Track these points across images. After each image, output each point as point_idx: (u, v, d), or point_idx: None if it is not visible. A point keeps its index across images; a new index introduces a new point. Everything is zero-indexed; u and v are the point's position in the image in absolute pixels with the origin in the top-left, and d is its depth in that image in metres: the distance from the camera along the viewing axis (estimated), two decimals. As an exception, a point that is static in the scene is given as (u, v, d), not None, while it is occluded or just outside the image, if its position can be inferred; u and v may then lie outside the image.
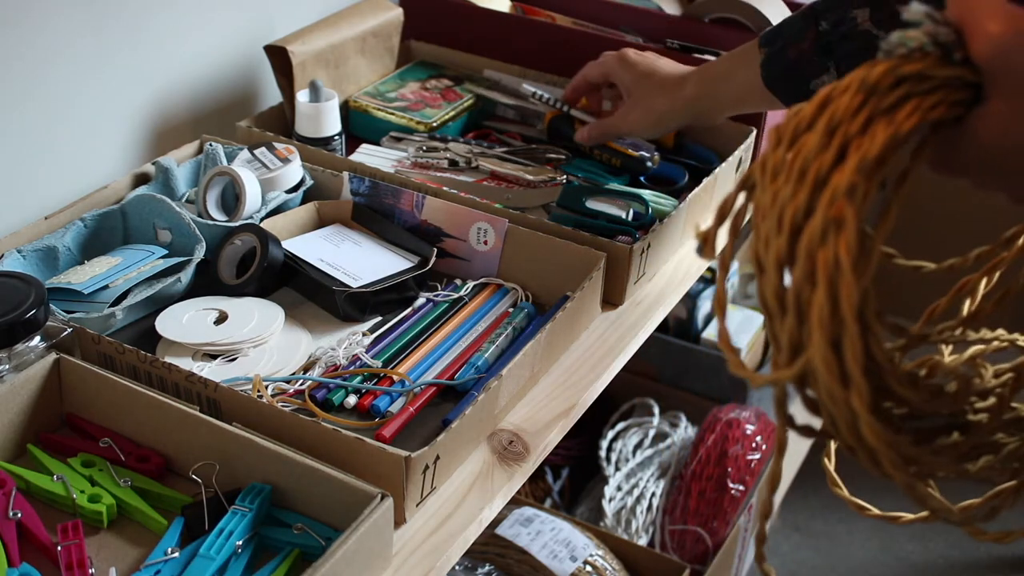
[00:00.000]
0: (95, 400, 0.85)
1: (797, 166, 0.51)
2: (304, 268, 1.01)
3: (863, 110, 0.51)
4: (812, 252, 0.49)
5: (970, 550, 2.02)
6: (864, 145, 0.50)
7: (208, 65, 1.23)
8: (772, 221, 0.51)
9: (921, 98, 0.51)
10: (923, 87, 0.51)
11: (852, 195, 0.49)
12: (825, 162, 0.50)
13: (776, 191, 0.51)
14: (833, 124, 0.51)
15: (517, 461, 0.87)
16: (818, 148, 0.50)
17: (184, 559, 0.75)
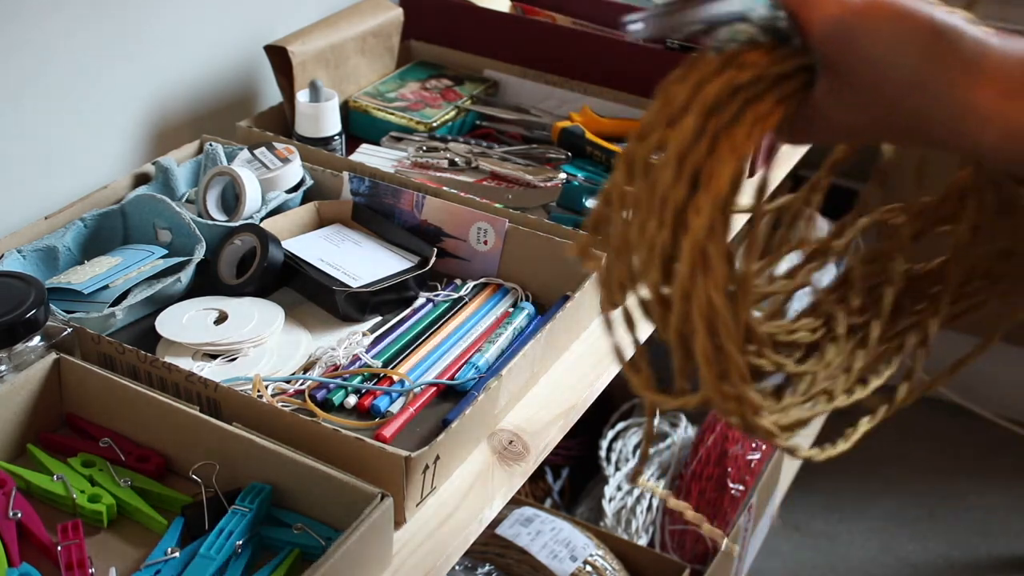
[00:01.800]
0: (95, 400, 0.85)
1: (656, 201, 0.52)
2: (304, 268, 1.01)
3: (705, 134, 0.52)
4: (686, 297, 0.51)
5: (970, 550, 2.02)
6: (713, 181, 0.51)
7: (208, 65, 1.23)
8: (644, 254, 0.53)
9: (756, 106, 0.52)
10: (756, 89, 0.52)
11: (712, 235, 0.50)
12: (679, 196, 0.51)
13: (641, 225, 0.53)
14: (681, 152, 0.52)
15: (517, 461, 0.87)
16: (671, 181, 0.52)
17: (184, 559, 0.75)
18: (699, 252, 0.51)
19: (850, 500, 2.10)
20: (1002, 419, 2.25)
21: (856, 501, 2.11)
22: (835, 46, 0.51)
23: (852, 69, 0.52)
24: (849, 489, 2.12)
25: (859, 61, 0.51)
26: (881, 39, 0.50)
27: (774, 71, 0.53)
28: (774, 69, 0.53)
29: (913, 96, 0.50)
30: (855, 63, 0.51)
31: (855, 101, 0.52)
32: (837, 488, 2.11)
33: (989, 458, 2.20)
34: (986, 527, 2.07)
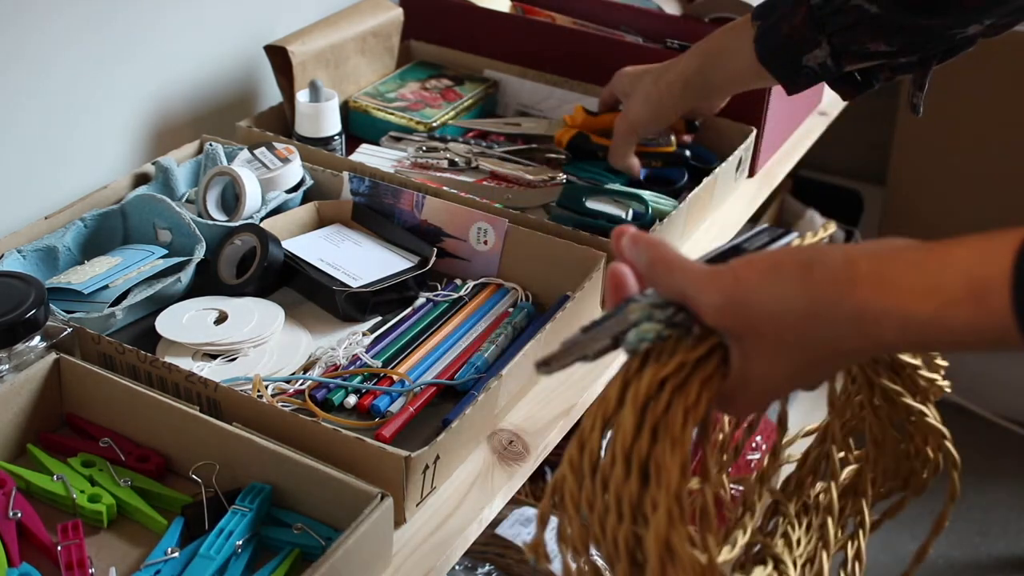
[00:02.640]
0: (95, 400, 0.85)
1: (612, 498, 0.56)
2: (304, 268, 1.01)
3: (644, 428, 0.56)
4: None
5: (971, 550, 2.02)
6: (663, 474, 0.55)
7: (208, 65, 1.23)
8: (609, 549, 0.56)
9: (684, 393, 0.57)
10: (681, 376, 0.57)
11: (672, 524, 0.54)
12: (633, 491, 0.55)
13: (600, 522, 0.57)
14: (626, 448, 0.56)
15: (517, 461, 0.87)
16: (623, 477, 0.56)
17: (184, 559, 0.75)
18: (663, 545, 0.54)
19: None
20: (1002, 419, 2.25)
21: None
22: (729, 320, 0.57)
23: (755, 329, 0.56)
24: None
25: (758, 319, 0.56)
26: (764, 294, 0.55)
27: (692, 356, 0.58)
28: (692, 355, 0.58)
29: (813, 326, 0.55)
30: (754, 323, 0.56)
31: (770, 355, 0.57)
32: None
33: (989, 458, 2.20)
34: (986, 527, 2.07)
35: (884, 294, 0.52)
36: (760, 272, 0.56)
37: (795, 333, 0.55)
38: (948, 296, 0.51)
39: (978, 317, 0.51)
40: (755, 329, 0.56)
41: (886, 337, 0.53)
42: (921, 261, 0.52)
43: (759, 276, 0.56)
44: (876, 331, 0.53)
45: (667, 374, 0.57)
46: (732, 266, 0.57)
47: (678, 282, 0.58)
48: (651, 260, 0.60)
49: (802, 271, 0.55)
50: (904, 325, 0.52)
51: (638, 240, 0.61)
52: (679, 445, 0.55)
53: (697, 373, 0.58)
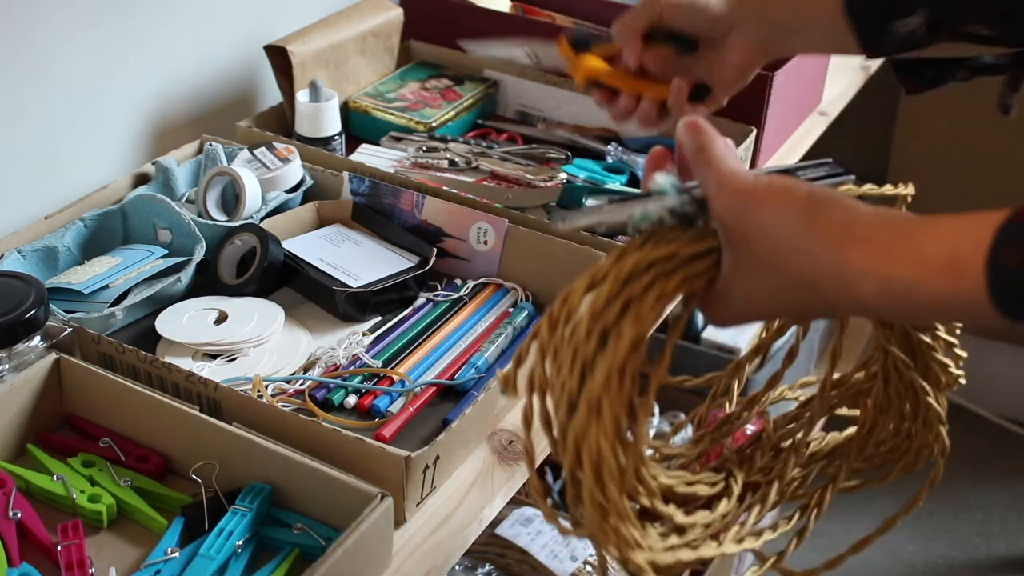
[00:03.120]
0: (95, 400, 0.85)
1: (570, 351, 0.59)
2: (304, 268, 1.01)
3: (618, 299, 0.59)
4: (579, 440, 0.59)
5: (970, 550, 2.02)
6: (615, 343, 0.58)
7: (208, 65, 1.23)
8: (556, 395, 0.60)
9: (665, 281, 0.60)
10: (669, 265, 0.60)
11: (608, 389, 0.58)
12: (588, 351, 0.59)
13: (557, 369, 0.60)
14: (595, 312, 0.59)
15: (517, 461, 0.87)
16: (584, 337, 0.59)
17: (184, 559, 0.75)
18: (595, 403, 0.58)
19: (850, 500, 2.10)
20: (1002, 419, 2.25)
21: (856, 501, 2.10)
22: (731, 223, 0.60)
23: (749, 241, 0.59)
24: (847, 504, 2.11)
25: (754, 233, 0.59)
26: (768, 213, 0.58)
27: (687, 251, 0.61)
28: (686, 248, 0.61)
29: (801, 260, 0.58)
30: (751, 235, 0.59)
31: (754, 271, 0.60)
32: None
33: (989, 458, 2.20)
34: (986, 527, 2.07)
35: (870, 254, 0.55)
36: (775, 193, 0.59)
37: (783, 261, 0.58)
38: (928, 265, 0.54)
39: (954, 289, 0.53)
40: (749, 242, 0.59)
41: (865, 295, 0.56)
42: (911, 232, 0.55)
43: (772, 196, 0.58)
44: (856, 287, 0.56)
45: (657, 257, 0.60)
46: (757, 179, 0.60)
47: (707, 173, 0.61)
48: (697, 147, 0.62)
49: (809, 209, 0.57)
50: (883, 286, 0.55)
51: (693, 126, 0.63)
52: (641, 323, 0.58)
53: (685, 267, 0.61)
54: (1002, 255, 0.52)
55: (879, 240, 0.56)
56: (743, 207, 0.59)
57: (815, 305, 0.60)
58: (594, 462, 0.58)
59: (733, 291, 0.61)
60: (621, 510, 0.60)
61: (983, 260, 0.52)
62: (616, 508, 0.59)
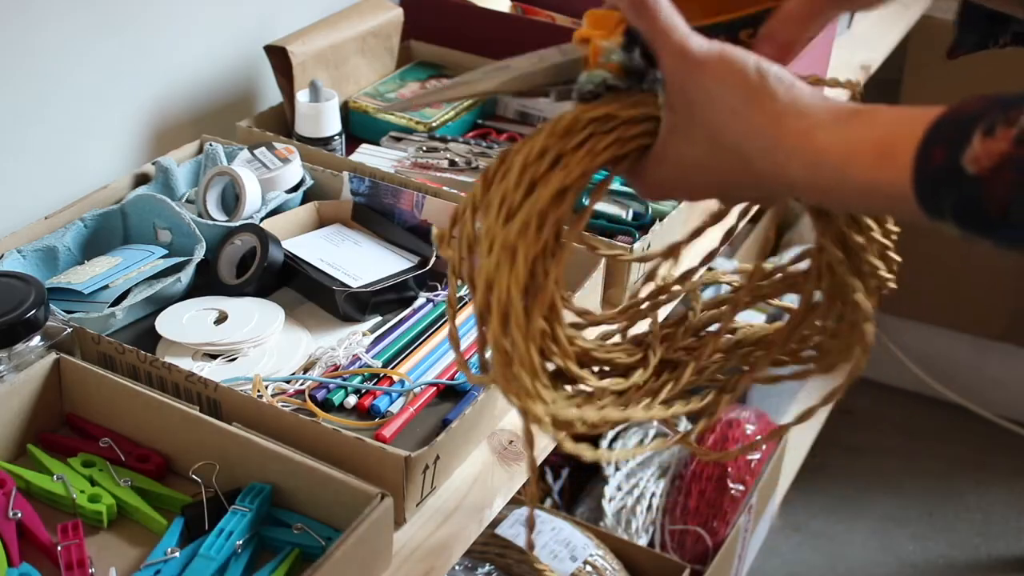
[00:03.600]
0: (95, 400, 0.85)
1: (497, 199, 0.60)
2: (304, 268, 1.01)
3: (550, 152, 0.60)
4: (489, 283, 0.59)
5: (971, 550, 2.02)
6: (537, 191, 0.59)
7: (208, 65, 1.23)
8: (484, 243, 0.61)
9: (598, 138, 0.60)
10: (605, 125, 0.61)
11: (524, 236, 0.59)
12: (515, 199, 0.60)
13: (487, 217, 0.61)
14: (525, 163, 0.60)
15: (517, 461, 0.87)
16: (512, 186, 0.60)
17: (184, 559, 0.75)
18: (509, 248, 0.59)
19: (850, 500, 2.10)
20: (1002, 419, 2.25)
21: (856, 501, 2.11)
22: (679, 77, 0.59)
23: (691, 105, 0.59)
24: (849, 489, 2.12)
25: (696, 91, 0.59)
26: (713, 74, 0.58)
27: (625, 113, 0.61)
28: (626, 111, 0.61)
29: (736, 126, 0.58)
30: (694, 99, 0.59)
31: (691, 136, 0.60)
32: (837, 488, 2.11)
33: (989, 458, 2.20)
34: (986, 527, 2.07)
35: (803, 133, 0.55)
36: (725, 61, 0.58)
37: (720, 126, 0.58)
38: (858, 149, 0.54)
39: (880, 177, 0.53)
40: (691, 106, 0.59)
41: (793, 173, 0.56)
42: (848, 116, 0.55)
43: (723, 64, 0.58)
44: (785, 163, 0.56)
45: (594, 116, 0.61)
46: (711, 47, 0.59)
47: (658, 33, 0.60)
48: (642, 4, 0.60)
49: (756, 78, 0.57)
50: (812, 165, 0.55)
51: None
52: (568, 176, 0.59)
53: (620, 128, 0.61)
54: (930, 150, 0.51)
55: (814, 119, 0.56)
56: (693, 71, 0.58)
57: (743, 178, 0.60)
58: (502, 305, 0.59)
59: (666, 156, 0.61)
60: (524, 359, 0.60)
61: (912, 152, 0.52)
62: (520, 356, 0.60)
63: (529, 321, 0.60)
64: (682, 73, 0.59)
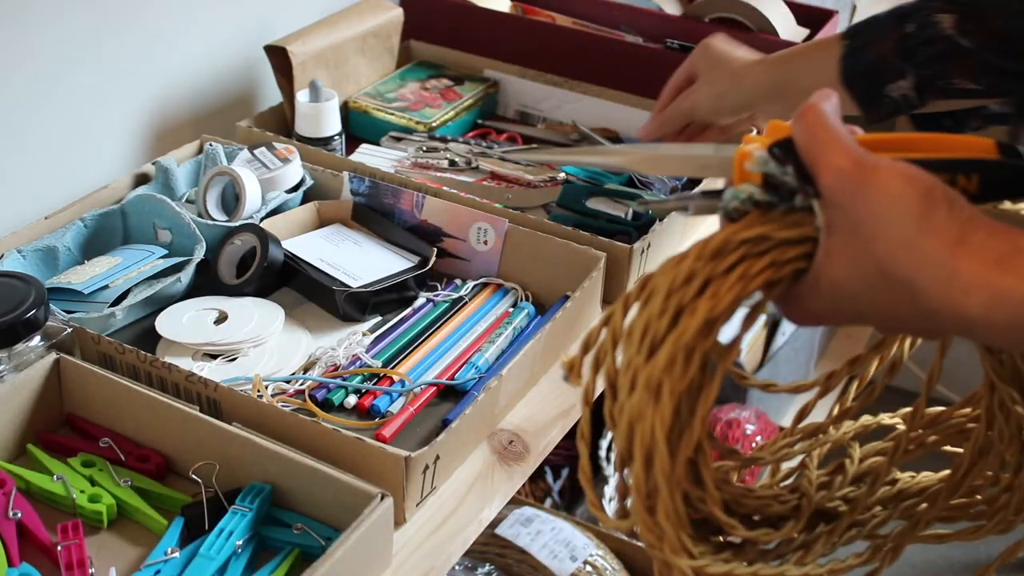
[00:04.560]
0: (95, 400, 0.85)
1: (641, 327, 0.55)
2: (304, 268, 1.01)
3: (698, 276, 0.54)
4: (632, 424, 0.54)
5: (971, 550, 2.02)
6: (684, 321, 0.54)
7: (208, 65, 1.23)
8: (624, 376, 0.56)
9: (751, 262, 0.55)
10: (759, 247, 0.55)
11: (670, 371, 0.53)
12: (660, 328, 0.54)
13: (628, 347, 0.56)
14: (672, 288, 0.55)
15: (517, 461, 0.87)
16: (657, 313, 0.55)
17: (184, 559, 0.75)
18: (654, 384, 0.53)
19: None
20: (1002, 419, 2.24)
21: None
22: (841, 196, 0.54)
23: (853, 222, 0.54)
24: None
25: (861, 213, 0.53)
26: (884, 195, 0.52)
27: (781, 234, 0.55)
28: (781, 232, 0.55)
29: (905, 255, 0.52)
30: (857, 215, 0.53)
31: (852, 259, 0.54)
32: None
33: (989, 458, 2.20)
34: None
35: (984, 265, 0.51)
36: (898, 174, 0.53)
37: (887, 253, 0.53)
38: None
39: None
40: (853, 222, 0.54)
41: (971, 308, 0.51)
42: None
43: (895, 177, 0.53)
44: (962, 298, 0.51)
45: (746, 237, 0.55)
46: (884, 158, 0.54)
47: (819, 143, 0.55)
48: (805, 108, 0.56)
49: (930, 202, 0.52)
50: (994, 300, 0.51)
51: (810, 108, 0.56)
52: (717, 301, 0.54)
53: (775, 251, 0.55)
54: None
55: (995, 252, 0.51)
56: (859, 183, 0.53)
57: (909, 312, 0.54)
58: (646, 448, 0.54)
59: (823, 281, 0.56)
60: (668, 507, 0.55)
61: None
62: (664, 505, 0.55)
63: (675, 464, 0.55)
64: (846, 188, 0.53)
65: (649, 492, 0.55)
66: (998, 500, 0.69)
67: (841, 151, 0.54)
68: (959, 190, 0.54)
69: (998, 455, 0.67)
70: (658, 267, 0.57)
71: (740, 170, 0.57)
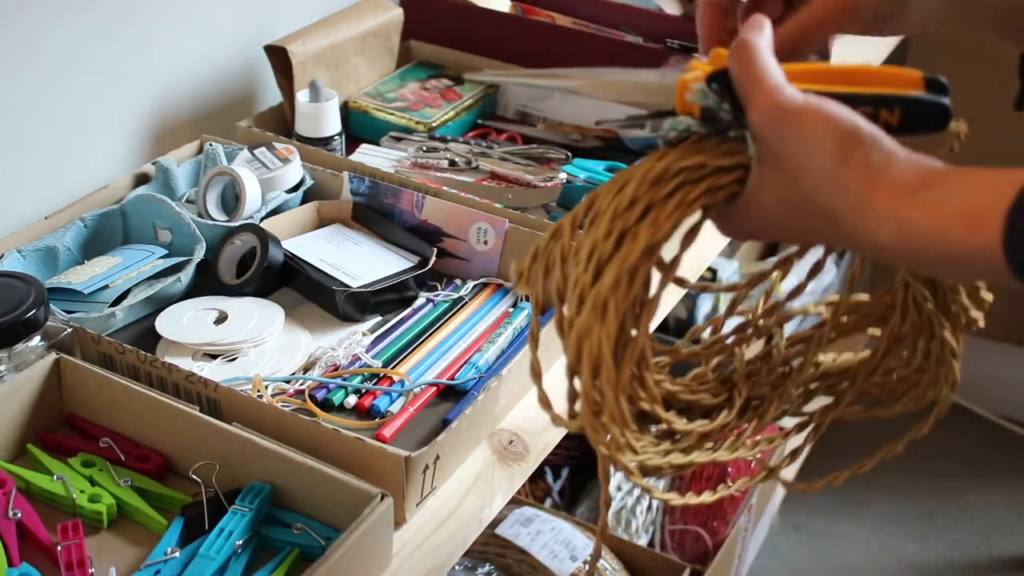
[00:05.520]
0: (95, 400, 0.85)
1: (587, 248, 0.59)
2: (304, 268, 1.01)
3: (640, 201, 0.59)
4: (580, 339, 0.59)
5: (971, 551, 2.02)
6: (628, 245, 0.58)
7: (208, 65, 1.23)
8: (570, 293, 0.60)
9: (688, 188, 0.59)
10: (696, 175, 0.59)
11: (616, 290, 0.58)
12: (605, 250, 0.58)
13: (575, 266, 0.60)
14: (616, 213, 0.59)
15: (517, 461, 0.87)
16: (602, 236, 0.59)
17: (184, 559, 0.75)
18: (600, 303, 0.58)
19: (850, 500, 2.10)
20: (1002, 419, 2.25)
21: (856, 501, 2.11)
22: (767, 133, 0.57)
23: (780, 157, 0.57)
24: (849, 489, 2.11)
25: (787, 150, 0.57)
26: (808, 133, 0.56)
27: (716, 162, 0.59)
28: (716, 161, 0.59)
29: (826, 189, 0.56)
30: (784, 151, 0.57)
31: (780, 189, 0.58)
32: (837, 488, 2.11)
33: (989, 458, 2.20)
34: (986, 527, 2.07)
35: (894, 200, 0.54)
36: (820, 117, 0.56)
37: (810, 187, 0.57)
38: (947, 215, 0.53)
39: (969, 243, 0.52)
40: (780, 161, 0.57)
41: (882, 239, 0.55)
42: (938, 181, 0.54)
43: (817, 120, 0.56)
44: (874, 230, 0.55)
45: (684, 166, 0.59)
46: (807, 99, 0.57)
47: (750, 80, 0.58)
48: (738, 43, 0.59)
49: (850, 141, 0.55)
50: (900, 232, 0.54)
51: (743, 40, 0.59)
52: (657, 227, 0.58)
53: (711, 178, 0.59)
54: (1022, 215, 0.51)
55: (906, 186, 0.54)
56: (784, 123, 0.56)
57: (830, 236, 0.59)
58: (593, 362, 0.59)
59: (752, 206, 0.60)
60: (614, 412, 0.60)
61: (1002, 217, 0.51)
62: (610, 408, 0.59)
63: (620, 374, 0.59)
64: (774, 124, 0.57)
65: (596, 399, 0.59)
66: (911, 379, 0.75)
67: (767, 89, 0.57)
68: (881, 123, 0.58)
69: (912, 341, 0.73)
70: (601, 186, 0.61)
71: (681, 99, 0.60)
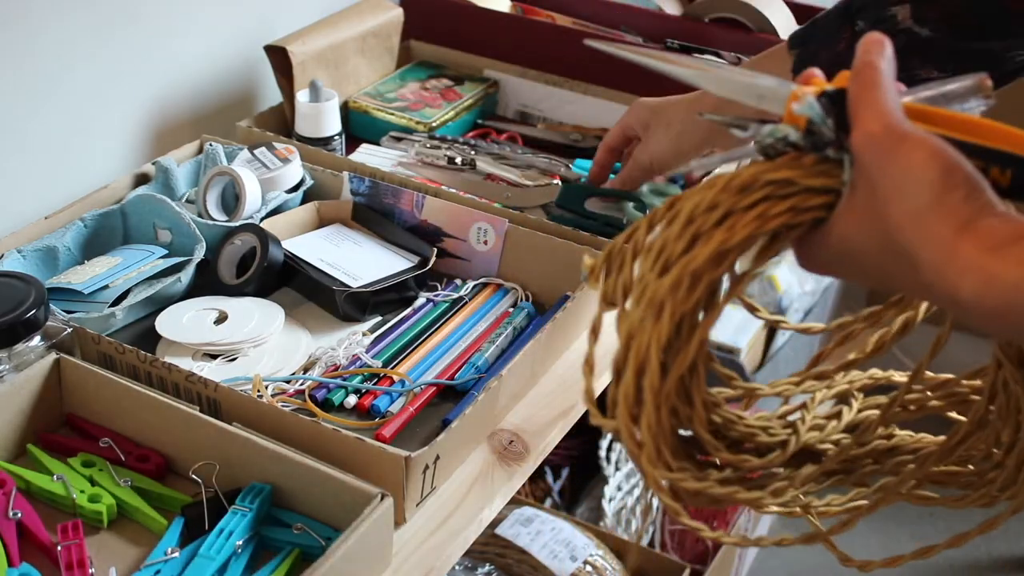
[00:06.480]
0: (95, 400, 0.85)
1: (657, 247, 0.57)
2: (304, 268, 1.01)
3: (719, 208, 0.56)
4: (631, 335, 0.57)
5: (970, 551, 2.02)
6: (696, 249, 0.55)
7: (208, 65, 1.23)
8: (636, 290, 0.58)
9: (772, 203, 0.56)
10: (783, 190, 0.56)
11: (674, 293, 0.55)
12: (675, 250, 0.56)
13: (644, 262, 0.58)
14: (691, 215, 0.56)
15: (517, 461, 0.87)
16: (675, 236, 0.56)
17: (184, 559, 0.75)
18: (657, 302, 0.55)
19: (850, 500, 2.10)
20: (1002, 419, 2.24)
21: (856, 501, 2.10)
22: (867, 158, 0.54)
23: (874, 183, 0.54)
24: (849, 489, 2.12)
25: (884, 175, 0.54)
26: (910, 161, 0.53)
27: (806, 181, 0.56)
28: (807, 180, 0.56)
29: (912, 227, 0.53)
30: (880, 176, 0.54)
31: (866, 218, 0.55)
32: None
33: (989, 458, 2.20)
34: (986, 527, 2.07)
35: (982, 251, 0.51)
36: (928, 146, 0.53)
37: (897, 222, 0.54)
38: None
39: None
40: (874, 183, 0.55)
41: (962, 291, 0.52)
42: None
43: (924, 148, 0.53)
44: (956, 279, 0.52)
45: (773, 179, 0.56)
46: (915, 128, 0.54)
47: (864, 96, 0.55)
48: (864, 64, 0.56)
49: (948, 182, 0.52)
50: (985, 283, 0.51)
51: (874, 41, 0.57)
52: (732, 237, 0.55)
53: (797, 198, 0.56)
54: None
55: (997, 239, 0.51)
56: (887, 146, 0.54)
57: (908, 281, 0.55)
58: (639, 362, 0.56)
59: (833, 235, 0.57)
60: (651, 419, 0.57)
61: None
62: (647, 415, 0.57)
63: (665, 381, 0.57)
64: (877, 144, 0.54)
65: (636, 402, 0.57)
66: (987, 475, 0.71)
67: (877, 114, 0.54)
68: (991, 180, 0.54)
69: (995, 431, 0.68)
70: (688, 191, 0.58)
71: (788, 109, 0.58)
